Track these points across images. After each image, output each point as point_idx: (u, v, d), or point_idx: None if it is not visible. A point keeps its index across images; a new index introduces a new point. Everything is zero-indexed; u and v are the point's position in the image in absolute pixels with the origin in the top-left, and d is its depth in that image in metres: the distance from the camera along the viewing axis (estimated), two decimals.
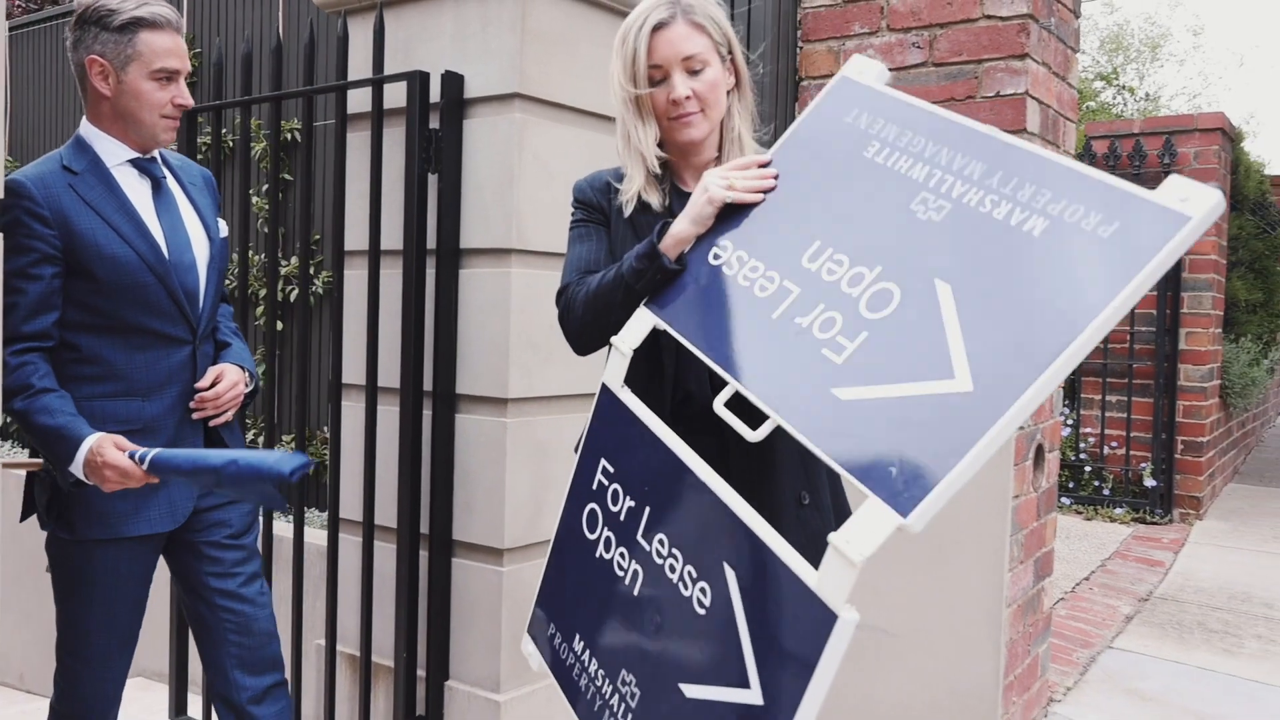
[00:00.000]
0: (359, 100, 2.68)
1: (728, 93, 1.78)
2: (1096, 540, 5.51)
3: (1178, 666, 3.69)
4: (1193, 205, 1.12)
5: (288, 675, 2.26)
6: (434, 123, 2.53)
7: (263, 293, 4.30)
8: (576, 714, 1.52)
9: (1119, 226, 1.16)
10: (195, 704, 3.06)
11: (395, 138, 2.58)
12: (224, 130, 4.53)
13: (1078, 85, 3.06)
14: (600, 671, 1.49)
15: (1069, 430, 6.56)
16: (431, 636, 2.57)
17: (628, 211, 1.78)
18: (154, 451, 1.84)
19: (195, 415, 2.06)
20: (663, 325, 1.57)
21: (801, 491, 1.75)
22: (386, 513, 2.64)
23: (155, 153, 2.08)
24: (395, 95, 2.57)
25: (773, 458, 1.71)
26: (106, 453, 1.85)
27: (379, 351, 2.60)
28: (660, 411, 1.60)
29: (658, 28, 1.70)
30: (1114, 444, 6.35)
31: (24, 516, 2.10)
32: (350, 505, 2.73)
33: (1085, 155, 6.29)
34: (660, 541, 1.42)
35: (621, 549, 1.49)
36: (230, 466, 1.77)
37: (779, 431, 1.35)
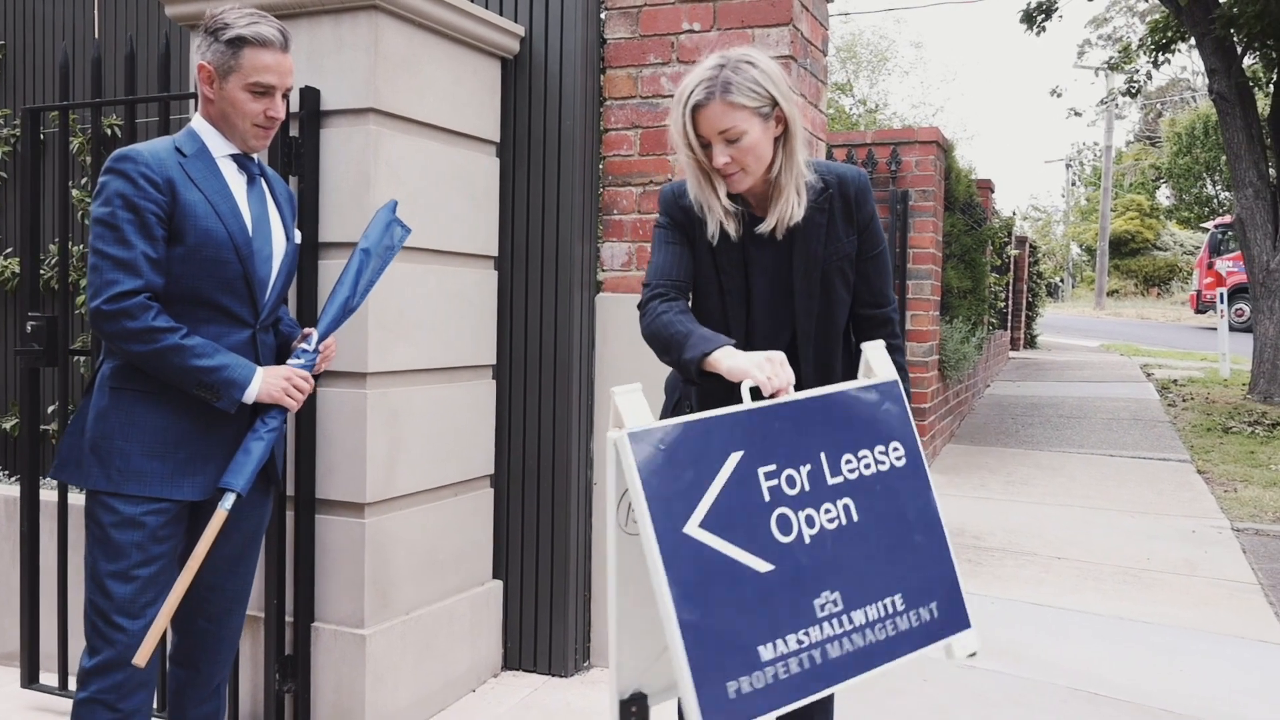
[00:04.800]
0: None
1: (776, 139, 2.01)
2: None
3: None
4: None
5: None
6: (293, 131, 2.85)
7: (83, 282, 4.37)
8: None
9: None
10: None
11: None
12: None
13: (824, 108, 3.74)
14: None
15: None
16: (299, 585, 2.90)
17: (714, 243, 2.09)
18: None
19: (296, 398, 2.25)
20: None
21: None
22: None
23: (255, 156, 2.28)
24: None
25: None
26: (281, 370, 2.21)
27: None
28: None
29: (697, 108, 1.96)
30: None
31: (56, 472, 2.20)
32: None
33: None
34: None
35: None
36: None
37: None
